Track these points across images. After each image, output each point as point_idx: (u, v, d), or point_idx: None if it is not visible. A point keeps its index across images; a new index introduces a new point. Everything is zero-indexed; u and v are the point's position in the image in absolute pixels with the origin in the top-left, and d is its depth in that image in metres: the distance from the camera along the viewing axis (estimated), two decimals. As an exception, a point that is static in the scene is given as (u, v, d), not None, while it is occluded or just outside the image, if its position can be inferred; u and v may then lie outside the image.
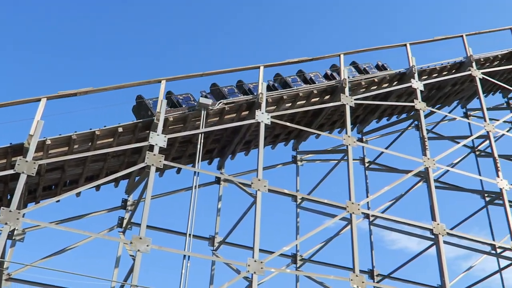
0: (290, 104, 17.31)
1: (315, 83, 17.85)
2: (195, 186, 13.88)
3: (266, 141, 17.95)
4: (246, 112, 16.20)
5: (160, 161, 13.16)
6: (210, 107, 15.04)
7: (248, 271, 12.57)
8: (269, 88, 16.60)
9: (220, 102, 15.38)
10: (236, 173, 17.91)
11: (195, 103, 15.16)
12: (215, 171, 17.64)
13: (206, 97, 15.42)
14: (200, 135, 14.95)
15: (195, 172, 14.29)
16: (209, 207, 17.50)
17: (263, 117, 15.43)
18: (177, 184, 17.40)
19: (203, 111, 14.93)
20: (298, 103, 17.34)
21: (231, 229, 15.69)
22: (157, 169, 13.41)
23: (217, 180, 17.10)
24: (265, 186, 14.06)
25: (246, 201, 14.48)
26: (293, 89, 17.11)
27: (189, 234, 12.96)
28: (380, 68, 19.82)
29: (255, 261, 12.69)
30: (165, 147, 13.62)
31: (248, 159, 18.59)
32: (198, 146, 14.75)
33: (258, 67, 16.25)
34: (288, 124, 16.31)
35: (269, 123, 15.51)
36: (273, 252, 14.06)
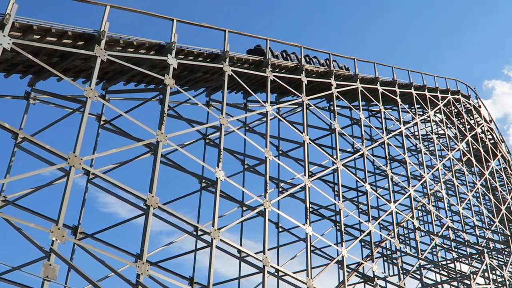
0: (39, 37, 16.02)
1: None
2: None
3: (0, 67, 16.30)
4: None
5: None
6: None
7: None
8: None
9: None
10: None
11: None
12: None
13: None
14: None
15: None
16: None
17: (3, 40, 13.95)
18: None
19: None
20: (48, 39, 16.16)
21: None
22: None
23: None
24: (-16, 113, 12.71)
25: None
26: (46, 22, 15.90)
27: None
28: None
29: None
30: None
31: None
32: None
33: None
34: (30, 56, 15.04)
35: (9, 49, 14.10)
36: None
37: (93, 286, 13.42)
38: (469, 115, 46.16)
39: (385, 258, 30.16)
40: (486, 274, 28.31)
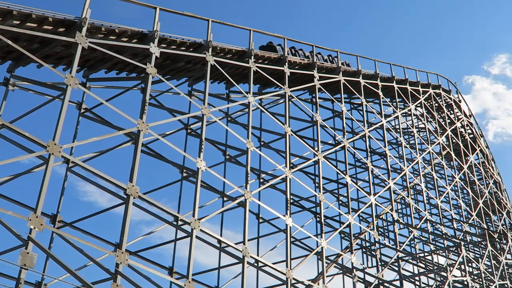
0: (19, 23, 15.77)
1: None
2: None
3: (-22, 53, 16.03)
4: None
5: None
6: None
7: None
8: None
9: None
10: None
11: None
12: None
13: None
14: None
15: None
16: None
17: (-18, 25, 13.71)
18: None
19: None
20: (28, 24, 15.91)
21: None
22: None
23: None
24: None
25: None
26: (27, 7, 15.66)
27: None
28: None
29: None
30: None
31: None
32: None
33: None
34: (10, 42, 14.81)
35: (-12, 34, 13.87)
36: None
37: (71, 275, 13.33)
38: (450, 109, 46.61)
39: (364, 250, 30.43)
40: (462, 266, 28.75)
